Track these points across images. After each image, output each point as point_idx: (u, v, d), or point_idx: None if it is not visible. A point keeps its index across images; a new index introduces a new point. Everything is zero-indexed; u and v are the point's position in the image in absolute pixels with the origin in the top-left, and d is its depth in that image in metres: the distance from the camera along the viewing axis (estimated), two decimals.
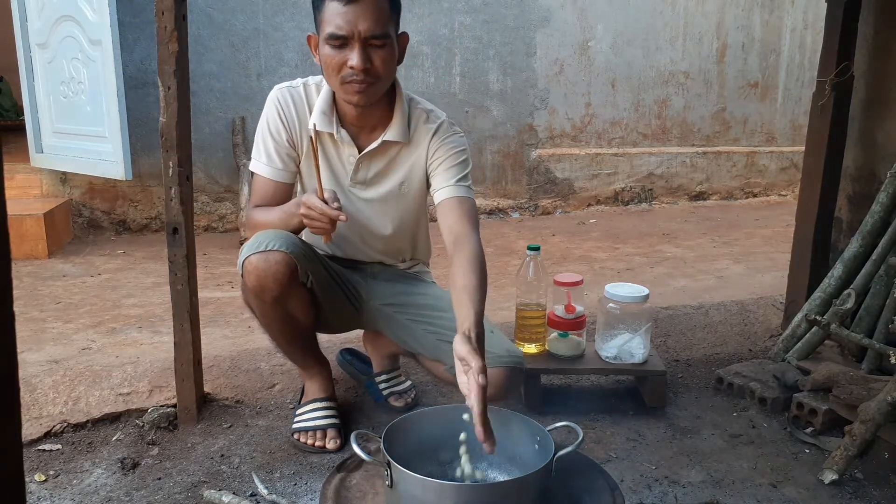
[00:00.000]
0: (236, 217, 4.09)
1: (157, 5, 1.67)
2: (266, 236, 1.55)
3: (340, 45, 1.47)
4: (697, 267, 3.48)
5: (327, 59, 1.50)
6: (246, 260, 1.54)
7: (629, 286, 1.95)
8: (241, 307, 2.76)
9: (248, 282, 1.56)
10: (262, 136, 1.66)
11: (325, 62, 1.51)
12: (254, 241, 1.56)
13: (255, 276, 1.54)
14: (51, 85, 3.76)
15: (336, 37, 1.46)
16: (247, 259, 1.54)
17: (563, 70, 4.82)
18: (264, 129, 1.66)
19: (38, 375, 2.00)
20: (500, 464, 1.37)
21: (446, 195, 1.63)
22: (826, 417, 1.81)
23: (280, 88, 1.67)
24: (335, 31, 1.46)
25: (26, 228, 3.44)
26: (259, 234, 1.58)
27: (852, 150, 2.34)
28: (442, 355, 1.62)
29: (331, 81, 1.56)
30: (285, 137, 1.65)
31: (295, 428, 1.78)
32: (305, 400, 1.83)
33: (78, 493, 1.56)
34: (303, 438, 1.75)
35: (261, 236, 1.56)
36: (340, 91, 1.55)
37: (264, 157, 1.66)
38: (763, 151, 5.46)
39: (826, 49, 2.26)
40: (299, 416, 1.80)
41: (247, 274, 1.55)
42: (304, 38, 1.70)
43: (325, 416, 1.78)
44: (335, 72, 1.51)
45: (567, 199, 4.95)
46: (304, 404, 1.82)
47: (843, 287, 2.11)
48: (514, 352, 1.62)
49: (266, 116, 1.66)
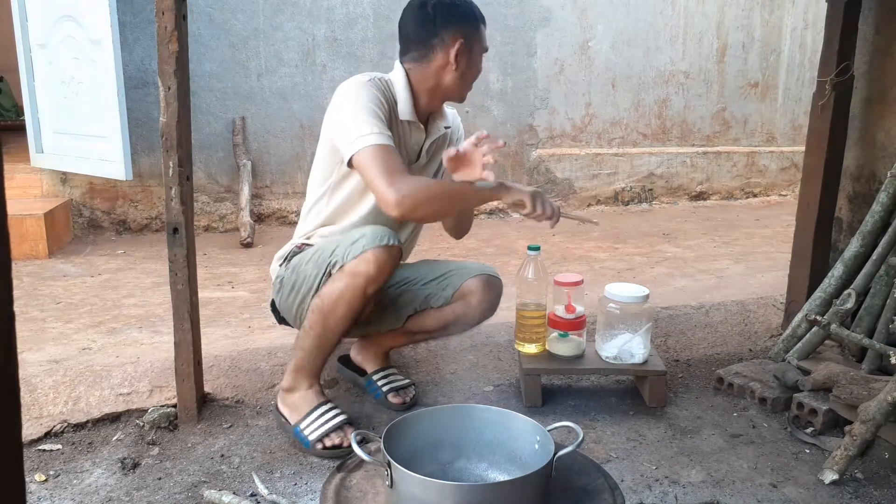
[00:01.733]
0: (236, 217, 4.09)
1: (157, 5, 1.67)
2: (378, 231, 1.65)
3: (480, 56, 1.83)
4: (697, 267, 3.48)
5: (478, 65, 1.83)
6: (370, 252, 1.62)
7: (629, 286, 1.95)
8: (241, 307, 2.77)
9: (364, 271, 1.63)
10: (374, 112, 1.68)
11: (477, 70, 1.84)
12: (370, 234, 1.64)
13: (377, 268, 1.63)
14: (51, 85, 3.76)
15: (485, 49, 1.85)
16: (371, 251, 1.62)
17: (564, 70, 4.81)
18: (375, 105, 1.70)
19: (39, 375, 2.00)
20: (500, 464, 1.37)
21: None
22: (826, 417, 1.81)
23: (369, 80, 1.75)
24: (486, 44, 1.85)
25: (26, 228, 3.44)
26: (364, 229, 1.69)
27: (852, 149, 2.34)
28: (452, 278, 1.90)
29: (468, 83, 1.83)
30: (388, 118, 1.73)
31: (313, 439, 1.72)
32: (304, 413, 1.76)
33: (78, 493, 1.56)
34: (328, 442, 1.71)
35: (372, 231, 1.65)
36: (466, 89, 1.84)
37: (379, 128, 1.67)
38: (763, 151, 5.46)
39: (826, 49, 2.26)
40: (310, 427, 1.74)
41: (366, 263, 1.62)
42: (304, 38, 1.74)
43: (336, 415, 1.75)
44: (476, 76, 1.84)
45: (567, 199, 4.95)
46: (305, 416, 1.75)
47: (843, 287, 2.11)
48: (491, 268, 1.94)
49: (371, 97, 1.71)
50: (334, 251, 1.69)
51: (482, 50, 1.84)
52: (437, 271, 1.92)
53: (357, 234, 1.68)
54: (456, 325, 1.91)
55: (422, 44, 1.77)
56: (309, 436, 1.72)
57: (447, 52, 1.76)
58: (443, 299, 1.87)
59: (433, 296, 1.88)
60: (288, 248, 1.90)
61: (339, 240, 1.73)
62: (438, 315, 1.88)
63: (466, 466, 1.38)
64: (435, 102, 1.85)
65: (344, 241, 1.69)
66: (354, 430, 1.70)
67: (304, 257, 1.79)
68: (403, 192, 1.59)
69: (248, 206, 3.98)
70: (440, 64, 1.78)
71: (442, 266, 1.95)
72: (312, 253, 1.78)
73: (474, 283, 1.86)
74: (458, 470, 1.37)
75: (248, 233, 3.82)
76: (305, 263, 1.77)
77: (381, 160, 1.63)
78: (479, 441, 1.38)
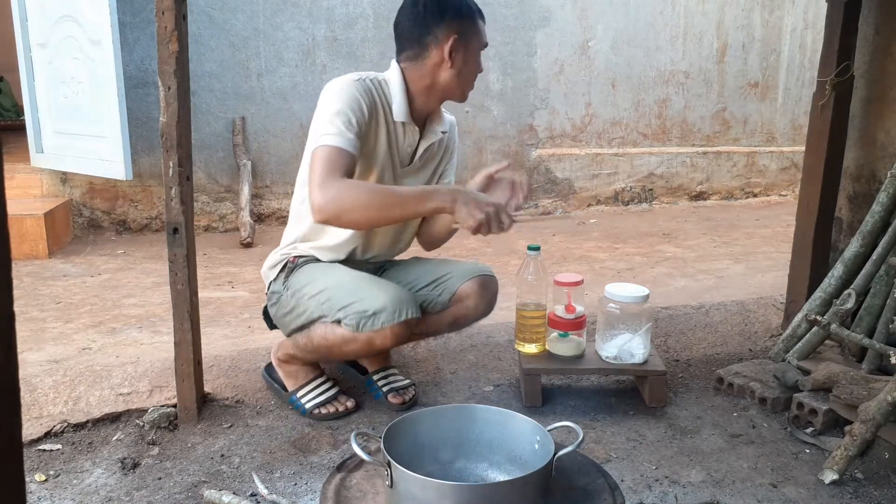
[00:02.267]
0: (236, 217, 4.09)
1: (157, 5, 1.67)
2: (398, 303, 1.67)
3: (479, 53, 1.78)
4: (697, 267, 3.48)
5: (476, 63, 1.78)
6: (390, 329, 1.66)
7: (629, 286, 1.95)
8: (241, 307, 2.77)
9: (381, 345, 1.70)
10: (345, 113, 1.65)
11: (474, 67, 1.78)
12: (390, 308, 1.65)
13: (394, 341, 1.70)
14: (51, 85, 3.76)
15: (484, 45, 1.79)
16: (390, 328, 1.66)
17: (564, 70, 4.81)
18: (348, 107, 1.66)
19: (39, 375, 2.00)
20: (500, 464, 1.37)
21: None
22: (826, 417, 1.81)
23: (357, 79, 1.72)
24: (485, 40, 1.79)
25: (27, 228, 3.44)
26: (386, 293, 1.68)
27: (852, 149, 2.34)
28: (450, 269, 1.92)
29: (467, 80, 1.78)
30: (366, 119, 1.70)
31: (310, 406, 1.88)
32: (301, 382, 1.92)
33: (78, 493, 1.56)
34: (324, 410, 1.88)
35: (393, 303, 1.66)
36: (467, 87, 1.79)
37: (340, 130, 1.63)
38: (763, 151, 5.46)
39: (826, 49, 2.26)
40: (306, 396, 1.90)
41: (383, 339, 1.68)
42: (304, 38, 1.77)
43: (329, 387, 1.93)
44: (475, 73, 1.79)
45: (567, 199, 4.95)
46: (303, 386, 1.92)
47: (843, 287, 2.10)
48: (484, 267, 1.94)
49: (349, 97, 1.67)
50: (345, 309, 1.69)
51: (480, 46, 1.78)
52: (433, 274, 1.91)
53: (374, 302, 1.67)
54: (454, 327, 1.93)
55: (416, 41, 1.75)
56: (306, 404, 1.89)
57: (441, 48, 1.72)
58: (440, 305, 1.88)
59: (430, 302, 1.88)
60: (280, 257, 1.90)
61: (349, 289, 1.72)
62: (436, 319, 1.89)
63: (466, 466, 1.38)
64: (432, 102, 1.82)
65: (357, 301, 1.68)
66: (348, 398, 1.92)
67: (306, 289, 1.79)
68: (328, 196, 1.54)
69: (248, 205, 3.99)
70: (435, 61, 1.74)
71: (437, 268, 1.93)
72: (316, 291, 1.77)
73: (470, 286, 1.86)
74: (458, 470, 1.37)
75: (248, 233, 3.82)
76: (308, 298, 1.77)
77: (326, 161, 1.59)
78: (479, 441, 1.38)
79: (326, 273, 1.82)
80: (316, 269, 1.85)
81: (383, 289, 1.72)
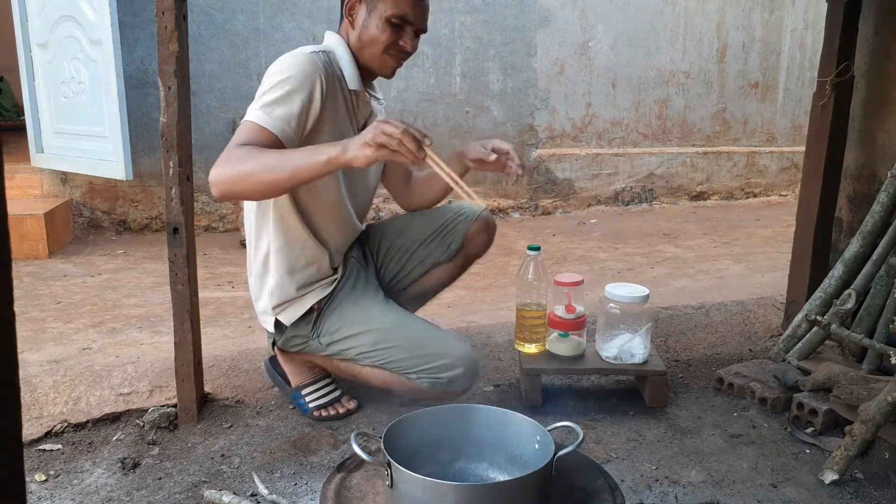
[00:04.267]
0: (237, 217, 4.09)
1: (158, 5, 1.67)
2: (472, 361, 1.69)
3: (397, 26, 1.61)
4: (698, 267, 3.48)
5: (378, 34, 1.61)
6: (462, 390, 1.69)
7: (629, 286, 1.95)
8: (241, 307, 2.77)
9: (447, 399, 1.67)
10: (289, 94, 1.53)
11: (374, 35, 1.61)
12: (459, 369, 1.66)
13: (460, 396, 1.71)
14: (51, 85, 3.76)
15: (401, 19, 1.60)
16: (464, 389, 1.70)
17: (564, 70, 4.82)
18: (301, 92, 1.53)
19: (39, 375, 2.00)
20: (500, 464, 1.37)
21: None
22: (826, 417, 1.81)
23: (313, 53, 1.59)
24: (402, 14, 1.60)
25: (27, 228, 3.45)
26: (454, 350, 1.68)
27: (852, 150, 2.34)
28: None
29: (370, 50, 1.64)
30: (315, 115, 1.58)
31: (313, 406, 1.87)
32: (306, 380, 1.89)
33: (78, 493, 1.56)
34: (324, 413, 1.86)
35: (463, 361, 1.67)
36: (376, 61, 1.65)
37: (284, 116, 1.52)
38: (763, 151, 5.47)
39: (826, 49, 2.26)
40: (311, 395, 1.88)
41: (449, 397, 1.68)
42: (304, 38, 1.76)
43: (334, 388, 1.91)
44: (382, 46, 1.62)
45: (567, 199, 4.95)
46: (308, 384, 1.89)
47: (843, 287, 2.10)
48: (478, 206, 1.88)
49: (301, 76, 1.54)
50: (417, 370, 1.67)
51: (389, 14, 1.59)
52: (433, 225, 1.89)
53: (447, 363, 1.66)
54: (463, 269, 1.95)
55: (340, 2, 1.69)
56: (310, 403, 1.87)
57: (345, 6, 1.65)
58: (452, 252, 1.88)
59: (439, 254, 1.88)
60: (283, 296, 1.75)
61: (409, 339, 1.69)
62: (451, 267, 1.90)
63: (466, 466, 1.38)
64: (364, 72, 1.70)
65: (427, 366, 1.66)
66: (350, 399, 1.91)
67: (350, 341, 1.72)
68: (218, 173, 1.45)
69: None
70: (345, 23, 1.67)
71: (433, 219, 1.90)
72: (367, 344, 1.70)
73: (477, 228, 1.88)
74: (458, 470, 1.37)
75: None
76: (356, 353, 1.72)
77: (246, 133, 1.49)
78: (479, 441, 1.38)
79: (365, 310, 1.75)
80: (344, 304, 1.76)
81: (447, 344, 1.71)
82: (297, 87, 1.54)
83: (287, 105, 1.53)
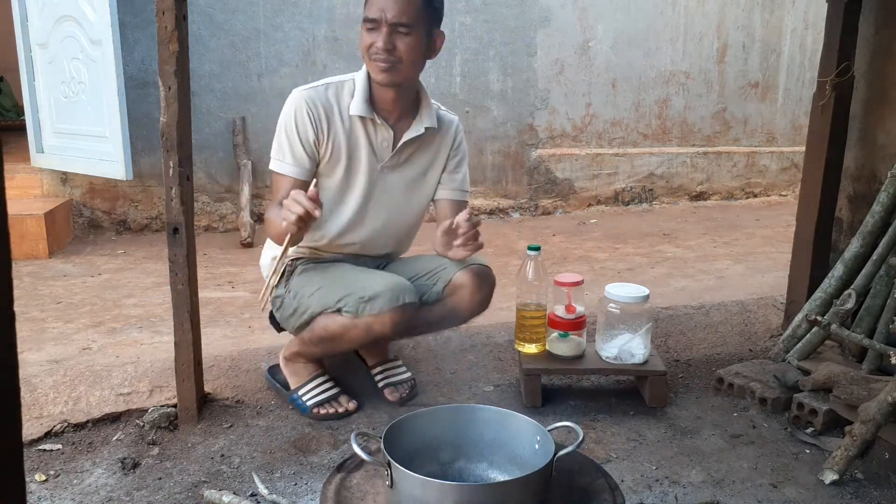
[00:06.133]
0: (237, 217, 4.08)
1: (158, 5, 1.67)
2: (396, 289, 1.70)
3: (371, 28, 1.69)
4: (698, 267, 3.48)
5: (361, 39, 1.72)
6: (388, 314, 1.68)
7: (629, 286, 1.95)
8: (241, 307, 2.77)
9: (380, 330, 1.70)
10: (288, 136, 1.75)
11: (360, 41, 1.73)
12: (388, 294, 1.68)
13: (393, 328, 1.71)
14: (51, 85, 3.76)
15: (368, 20, 1.69)
16: (389, 313, 1.68)
17: (564, 70, 4.81)
18: (291, 129, 1.75)
19: (39, 375, 2.00)
20: (500, 464, 1.37)
21: (454, 196, 1.92)
22: (826, 418, 1.81)
23: (304, 90, 1.77)
24: (368, 14, 1.69)
25: (27, 228, 3.44)
26: (383, 280, 1.73)
27: (852, 150, 2.34)
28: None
29: (365, 60, 1.74)
30: (312, 139, 1.76)
31: (311, 405, 1.89)
32: (303, 380, 1.92)
33: (78, 493, 1.56)
34: (323, 410, 1.88)
35: (391, 289, 1.69)
36: (371, 68, 1.73)
37: (289, 158, 1.76)
38: (763, 151, 5.46)
39: (826, 49, 2.26)
40: (308, 394, 1.90)
41: (382, 325, 1.69)
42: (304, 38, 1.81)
43: (331, 387, 1.93)
44: (365, 51, 1.72)
45: (567, 199, 4.94)
46: (305, 384, 1.92)
47: (843, 287, 2.10)
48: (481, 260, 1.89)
49: (293, 118, 1.75)
50: (344, 298, 1.72)
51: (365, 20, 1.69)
52: (428, 266, 1.91)
53: (373, 287, 1.70)
54: (451, 319, 1.91)
55: None
56: (307, 401, 1.90)
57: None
58: (435, 294, 1.86)
59: (426, 292, 1.86)
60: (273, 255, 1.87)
61: (347, 280, 1.76)
62: (432, 310, 1.87)
63: (466, 466, 1.38)
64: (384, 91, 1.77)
65: (356, 289, 1.71)
66: (349, 399, 1.92)
67: (306, 288, 1.81)
68: (267, 216, 1.76)
69: (249, 206, 3.98)
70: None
71: (434, 261, 1.92)
72: (315, 288, 1.79)
73: (465, 275, 1.82)
74: (458, 470, 1.37)
75: (248, 233, 3.82)
76: (308, 296, 1.80)
77: (274, 186, 1.80)
78: (479, 441, 1.38)
79: (325, 270, 1.84)
80: (315, 268, 1.86)
81: (381, 276, 1.76)
82: (286, 127, 1.76)
83: (287, 147, 1.76)
